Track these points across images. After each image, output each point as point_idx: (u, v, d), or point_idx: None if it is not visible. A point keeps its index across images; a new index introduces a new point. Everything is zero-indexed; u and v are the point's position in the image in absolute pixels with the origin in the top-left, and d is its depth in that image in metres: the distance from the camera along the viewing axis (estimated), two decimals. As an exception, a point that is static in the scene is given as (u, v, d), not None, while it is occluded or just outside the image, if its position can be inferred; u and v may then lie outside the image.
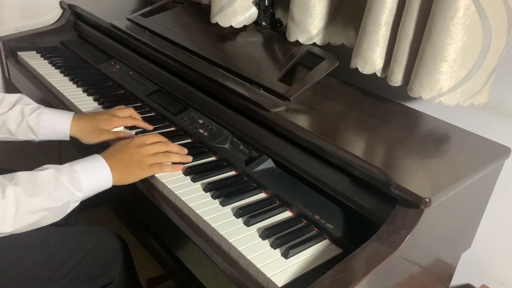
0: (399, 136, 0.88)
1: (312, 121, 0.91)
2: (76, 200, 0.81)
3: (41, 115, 0.99)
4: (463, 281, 1.12)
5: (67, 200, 0.79)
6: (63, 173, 0.80)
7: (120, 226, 1.67)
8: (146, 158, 0.89)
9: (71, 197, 0.79)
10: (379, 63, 0.98)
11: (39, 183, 0.76)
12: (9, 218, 0.72)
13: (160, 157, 0.90)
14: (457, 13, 0.79)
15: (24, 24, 1.59)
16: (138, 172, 0.88)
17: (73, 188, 0.79)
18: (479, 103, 0.92)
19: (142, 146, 0.90)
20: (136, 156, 0.88)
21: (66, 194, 0.78)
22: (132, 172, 0.87)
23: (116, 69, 1.37)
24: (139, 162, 0.88)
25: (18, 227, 0.74)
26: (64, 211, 0.80)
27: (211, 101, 1.07)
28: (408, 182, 0.70)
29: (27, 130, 0.99)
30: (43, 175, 0.78)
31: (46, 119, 0.99)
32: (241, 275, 0.71)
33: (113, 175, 0.85)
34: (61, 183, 0.78)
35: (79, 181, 0.80)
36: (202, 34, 1.26)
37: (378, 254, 0.65)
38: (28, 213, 0.74)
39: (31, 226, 0.77)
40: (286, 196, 0.86)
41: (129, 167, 0.87)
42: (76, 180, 0.80)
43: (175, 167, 0.92)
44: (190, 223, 0.81)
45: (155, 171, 0.89)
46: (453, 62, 0.83)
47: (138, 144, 0.90)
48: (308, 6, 1.06)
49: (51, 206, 0.77)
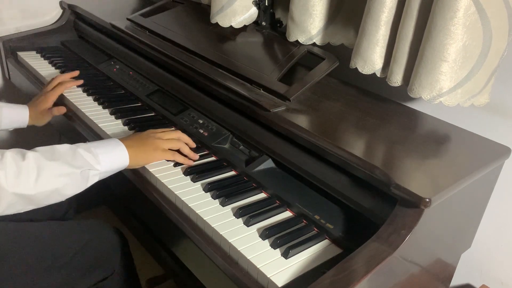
0: (399, 136, 0.88)
1: (312, 121, 0.91)
2: (95, 174, 0.82)
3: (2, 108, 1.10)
4: (463, 281, 1.12)
5: (86, 168, 0.80)
6: (80, 146, 0.83)
7: (120, 225, 1.67)
8: (159, 141, 0.93)
9: (90, 167, 0.81)
10: (379, 63, 0.98)
11: (57, 152, 0.79)
12: (31, 179, 0.74)
13: (173, 142, 0.94)
14: (457, 13, 0.79)
15: (24, 24, 1.59)
16: (152, 152, 0.91)
17: (91, 159, 0.82)
18: (480, 103, 0.92)
19: (156, 133, 0.95)
20: (150, 139, 0.93)
21: (84, 163, 0.80)
22: (146, 151, 0.91)
23: (116, 69, 1.37)
24: (153, 144, 0.92)
25: (40, 190, 0.75)
26: (85, 181, 0.81)
27: (211, 101, 1.07)
28: (408, 182, 0.70)
29: None
30: (60, 147, 0.81)
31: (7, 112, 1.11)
32: (241, 275, 0.71)
33: (129, 154, 0.88)
34: (78, 153, 0.81)
35: (96, 154, 0.83)
36: (202, 34, 1.26)
37: (378, 254, 0.65)
38: (49, 176, 0.76)
39: (54, 194, 0.78)
40: (286, 196, 0.86)
41: (143, 146, 0.91)
42: (94, 154, 0.83)
43: (186, 160, 0.94)
44: (190, 223, 0.81)
45: (168, 156, 0.93)
46: (453, 62, 0.83)
47: (151, 130, 0.96)
48: (308, 6, 1.06)
49: (71, 171, 0.78)
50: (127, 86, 1.28)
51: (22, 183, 0.73)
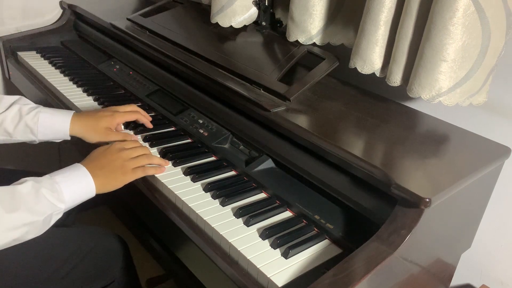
0: (399, 136, 0.88)
1: (312, 121, 0.91)
2: (59, 212, 0.77)
3: (39, 113, 0.96)
4: (463, 281, 1.12)
5: (49, 213, 0.75)
6: (44, 185, 0.76)
7: (120, 226, 1.67)
8: (128, 162, 0.86)
9: (53, 209, 0.76)
10: (378, 63, 0.98)
11: (18, 197, 0.72)
12: None
13: (142, 159, 0.89)
14: (457, 13, 0.79)
15: (24, 24, 1.59)
16: (122, 177, 0.85)
17: (54, 200, 0.76)
18: (478, 103, 0.92)
19: (122, 151, 0.88)
20: (117, 161, 0.86)
21: (48, 207, 0.75)
22: (115, 178, 0.85)
23: (116, 69, 1.37)
24: (122, 167, 0.86)
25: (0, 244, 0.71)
26: (47, 224, 0.76)
27: (211, 101, 1.07)
28: (408, 182, 0.70)
29: (25, 130, 0.96)
30: (22, 188, 0.74)
31: (45, 117, 0.96)
32: (241, 275, 0.71)
33: (96, 183, 0.82)
34: (42, 195, 0.74)
35: (61, 192, 0.77)
36: (202, 34, 1.26)
37: (378, 254, 0.65)
38: (8, 230, 0.71)
39: (13, 242, 0.73)
40: (286, 196, 0.86)
41: (112, 173, 0.84)
42: (58, 192, 0.77)
43: (157, 169, 0.90)
44: (190, 223, 0.81)
45: (138, 174, 0.87)
46: (453, 62, 0.83)
47: (118, 148, 0.88)
48: (308, 6, 1.06)
49: (33, 220, 0.73)
50: (127, 86, 1.28)
51: None
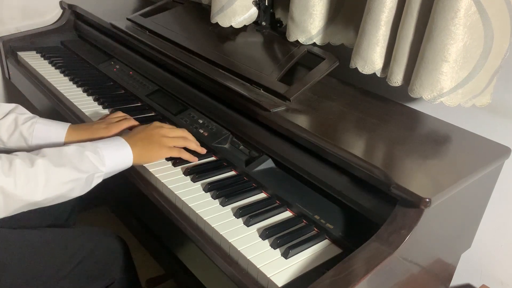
0: (399, 136, 0.88)
1: (312, 121, 0.91)
2: (100, 175, 0.83)
3: (35, 124, 0.94)
4: (463, 281, 1.12)
5: (92, 172, 0.81)
6: (87, 148, 0.82)
7: (120, 226, 1.67)
8: (165, 139, 0.92)
9: (95, 170, 0.82)
10: (379, 63, 0.98)
11: (65, 156, 0.79)
12: (39, 187, 0.75)
13: (179, 140, 0.94)
14: (458, 13, 0.79)
15: (24, 24, 1.59)
16: (158, 150, 0.91)
17: (97, 162, 0.82)
18: (482, 104, 0.92)
19: (161, 128, 0.94)
20: (155, 137, 0.92)
21: (90, 166, 0.81)
22: (152, 150, 0.91)
23: (116, 69, 1.37)
24: (159, 141, 0.92)
25: (48, 197, 0.76)
26: (89, 184, 0.82)
27: (211, 101, 1.07)
28: (408, 182, 0.70)
29: (19, 140, 0.94)
30: (67, 149, 0.81)
31: (40, 128, 0.94)
32: (241, 275, 0.71)
33: (134, 152, 0.88)
34: (86, 156, 0.81)
35: (103, 156, 0.83)
36: (202, 34, 1.26)
37: (378, 254, 0.65)
38: (57, 183, 0.76)
39: (59, 198, 0.79)
40: (286, 196, 0.86)
41: (149, 145, 0.91)
42: (100, 155, 0.83)
43: (192, 157, 0.95)
44: (190, 223, 0.81)
45: (174, 153, 0.93)
46: (454, 62, 0.83)
47: (157, 125, 0.95)
48: (308, 6, 1.06)
49: (78, 177, 0.79)
50: (127, 86, 1.28)
51: (31, 191, 0.74)
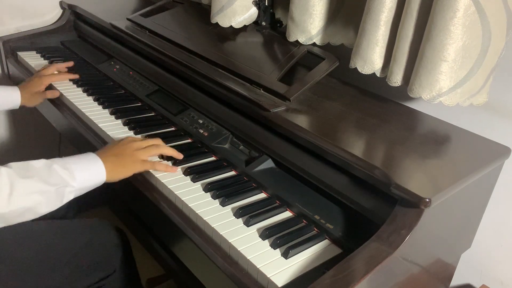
0: (399, 136, 0.88)
1: (312, 121, 0.91)
2: (71, 191, 0.80)
3: None
4: (463, 281, 1.12)
5: (61, 185, 0.78)
6: (56, 162, 0.80)
7: (120, 226, 1.67)
8: (138, 153, 0.90)
9: (65, 184, 0.79)
10: (379, 63, 0.98)
11: (32, 168, 0.77)
12: (4, 197, 0.72)
13: (151, 149, 0.92)
14: (457, 13, 0.79)
15: (24, 24, 1.59)
16: (131, 165, 0.89)
17: (66, 176, 0.79)
18: (479, 103, 0.92)
19: (133, 142, 0.92)
20: (128, 150, 0.90)
21: (59, 180, 0.78)
22: (125, 165, 0.88)
23: (116, 69, 1.37)
24: (131, 155, 0.89)
25: (13, 209, 0.73)
26: (60, 199, 0.79)
27: (211, 101, 1.07)
28: (408, 182, 0.70)
29: None
30: (35, 163, 0.79)
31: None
32: (241, 275, 0.71)
33: (106, 168, 0.85)
34: (54, 170, 0.78)
35: (72, 171, 0.81)
36: (202, 34, 1.26)
37: (378, 254, 0.65)
38: (22, 194, 0.74)
39: (27, 212, 0.75)
40: (286, 196, 0.86)
41: (122, 160, 0.88)
42: (70, 170, 0.80)
43: (168, 168, 0.91)
44: (190, 223, 0.81)
45: (147, 166, 0.90)
46: (453, 62, 0.83)
47: (129, 140, 0.93)
48: (308, 6, 1.06)
49: (45, 189, 0.76)
50: (127, 86, 1.28)
51: None
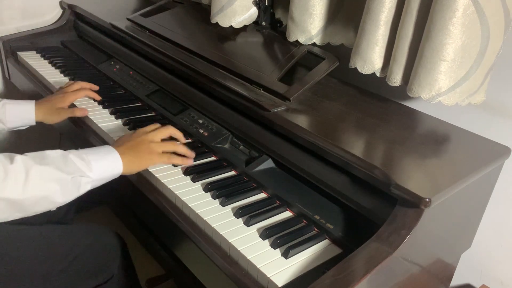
0: (399, 136, 0.88)
1: (312, 121, 0.91)
2: (88, 181, 0.80)
3: (6, 105, 1.05)
4: (463, 281, 1.12)
5: (77, 175, 0.77)
6: (72, 152, 0.80)
7: (120, 226, 1.67)
8: (154, 145, 0.90)
9: (81, 174, 0.78)
10: (378, 63, 0.98)
11: (48, 157, 0.76)
12: (19, 183, 0.71)
13: (168, 145, 0.92)
14: (456, 13, 0.79)
15: (24, 24, 1.59)
16: (148, 157, 0.89)
17: (83, 166, 0.79)
18: (477, 102, 0.93)
19: (146, 134, 0.92)
20: (144, 144, 0.89)
21: (76, 169, 0.78)
22: (142, 157, 0.88)
23: (116, 69, 1.37)
24: (148, 148, 0.89)
25: (28, 195, 0.72)
26: (76, 189, 0.78)
27: (211, 101, 1.07)
28: (408, 182, 0.70)
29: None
30: (51, 152, 0.78)
31: (12, 108, 1.06)
32: (241, 275, 0.71)
33: (123, 160, 0.85)
34: (70, 159, 0.78)
35: (89, 161, 0.80)
36: (202, 34, 1.26)
37: (378, 254, 0.65)
38: (38, 180, 0.73)
39: (43, 200, 0.74)
40: (286, 196, 0.86)
41: (139, 153, 0.88)
42: (86, 160, 0.80)
43: (184, 160, 0.93)
44: (190, 223, 0.81)
45: (164, 159, 0.91)
46: (452, 62, 0.83)
47: (142, 132, 0.92)
48: (308, 6, 1.06)
49: (61, 177, 0.75)
50: (127, 86, 1.28)
51: (9, 186, 0.70)
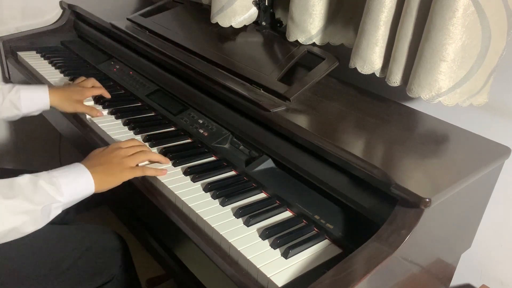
0: (399, 136, 0.88)
1: (312, 121, 0.91)
2: (58, 206, 0.78)
3: (20, 90, 1.07)
4: (463, 281, 1.12)
5: (47, 203, 0.75)
6: (41, 177, 0.77)
7: (120, 226, 1.67)
8: (126, 159, 0.88)
9: (52, 201, 0.76)
10: (378, 63, 0.98)
11: (16, 187, 0.73)
12: None
13: (139, 156, 0.90)
14: (456, 13, 0.79)
15: (24, 24, 1.59)
16: (120, 174, 0.86)
17: (52, 191, 0.76)
18: (479, 103, 0.92)
19: (119, 149, 0.89)
20: (115, 159, 0.87)
21: (45, 197, 0.75)
22: (114, 174, 0.85)
23: (116, 69, 1.37)
24: (119, 164, 0.87)
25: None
26: (46, 217, 0.76)
27: (211, 101, 1.07)
28: (408, 182, 0.70)
29: (10, 106, 1.07)
30: (20, 180, 0.75)
31: (26, 93, 1.08)
32: (241, 275, 0.71)
33: (95, 179, 0.82)
34: (40, 186, 0.75)
35: (59, 185, 0.77)
36: (202, 34, 1.26)
37: (378, 254, 0.65)
38: (6, 215, 0.71)
39: (12, 233, 0.73)
40: (286, 196, 0.86)
41: (110, 169, 0.85)
42: (56, 185, 0.77)
43: (157, 171, 0.90)
44: (190, 223, 0.81)
45: (137, 173, 0.88)
46: (452, 62, 0.83)
47: (115, 148, 0.90)
48: (308, 6, 1.06)
49: (31, 209, 0.73)
50: (127, 86, 1.28)
51: None
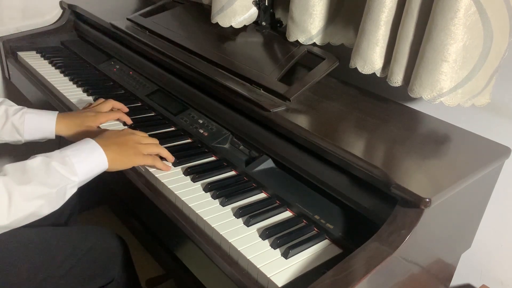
0: (399, 136, 0.88)
1: (312, 121, 0.91)
2: (73, 186, 0.77)
3: (25, 114, 0.98)
4: (463, 281, 1.12)
5: (62, 185, 0.75)
6: (54, 158, 0.76)
7: (120, 226, 1.67)
8: (140, 146, 0.89)
9: (66, 182, 0.76)
10: (379, 63, 0.98)
11: (29, 170, 0.73)
12: (3, 210, 0.68)
13: (153, 147, 0.91)
14: (458, 13, 0.79)
15: (24, 24, 1.59)
16: (133, 157, 0.88)
17: (66, 172, 0.76)
18: (481, 104, 0.92)
19: (134, 134, 0.91)
20: (130, 142, 0.88)
21: (59, 179, 0.75)
22: (127, 156, 0.86)
23: (116, 69, 1.37)
24: (134, 147, 0.88)
25: (14, 219, 0.70)
26: (62, 197, 0.76)
27: (211, 101, 1.07)
28: (408, 182, 0.70)
29: (12, 130, 0.98)
30: (32, 163, 0.74)
31: (31, 118, 0.98)
32: (241, 275, 0.71)
33: (108, 156, 0.83)
34: (53, 168, 0.75)
35: (72, 165, 0.77)
36: (202, 34, 1.26)
37: (378, 254, 0.65)
38: (22, 202, 0.70)
39: (29, 218, 0.73)
40: (286, 196, 0.86)
41: (124, 150, 0.86)
42: (69, 164, 0.77)
43: (165, 166, 0.91)
44: (190, 223, 0.81)
45: (148, 161, 0.90)
46: (454, 62, 0.83)
47: (130, 132, 0.92)
48: (308, 6, 1.06)
49: (46, 192, 0.73)
50: (127, 86, 1.28)
51: None
